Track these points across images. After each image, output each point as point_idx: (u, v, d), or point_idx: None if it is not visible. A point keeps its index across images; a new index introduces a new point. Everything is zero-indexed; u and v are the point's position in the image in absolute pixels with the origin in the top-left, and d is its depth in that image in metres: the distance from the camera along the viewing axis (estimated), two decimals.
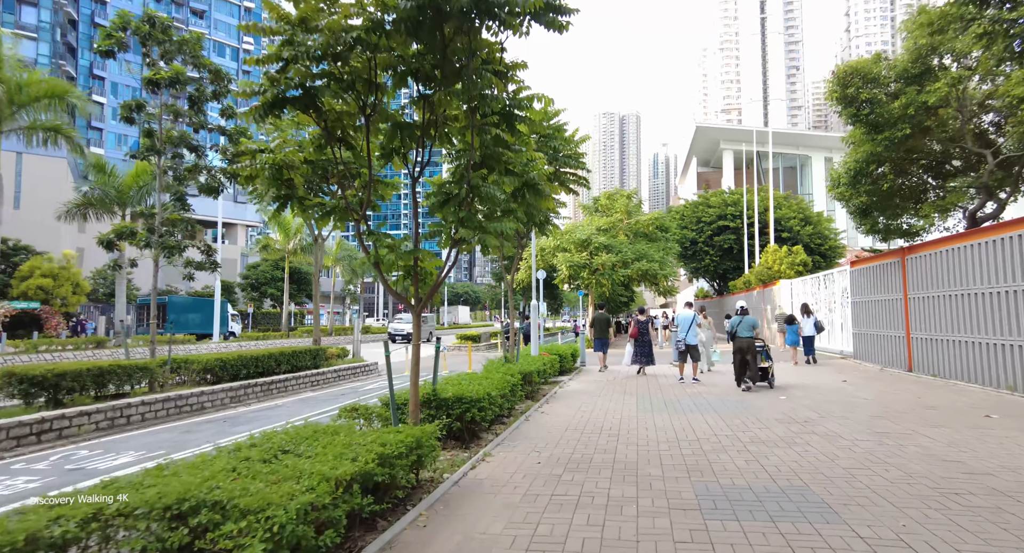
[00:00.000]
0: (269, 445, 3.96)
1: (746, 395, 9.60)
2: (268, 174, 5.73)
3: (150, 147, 9.42)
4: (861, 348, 14.91)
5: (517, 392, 8.31)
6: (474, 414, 6.11)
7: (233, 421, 9.38)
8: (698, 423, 7.24)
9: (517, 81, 5.77)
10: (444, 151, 7.38)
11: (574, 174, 10.42)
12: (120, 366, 9.07)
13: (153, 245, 9.35)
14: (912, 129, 10.61)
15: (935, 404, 8.06)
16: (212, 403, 10.35)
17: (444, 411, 6.15)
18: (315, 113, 5.63)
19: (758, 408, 8.22)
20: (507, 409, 7.74)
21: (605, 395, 10.00)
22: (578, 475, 4.94)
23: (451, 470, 5.18)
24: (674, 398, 9.48)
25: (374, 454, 3.76)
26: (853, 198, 12.32)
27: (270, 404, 11.17)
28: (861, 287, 14.65)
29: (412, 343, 5.87)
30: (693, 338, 11.63)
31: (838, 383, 10.91)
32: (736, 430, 6.73)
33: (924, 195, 12.81)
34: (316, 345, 15.59)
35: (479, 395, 6.30)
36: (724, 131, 59.60)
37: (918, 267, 11.75)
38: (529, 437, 6.61)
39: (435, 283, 5.85)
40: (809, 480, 4.58)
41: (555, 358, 12.52)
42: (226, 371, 11.28)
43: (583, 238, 26.45)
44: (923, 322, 11.56)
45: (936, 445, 5.62)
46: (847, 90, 11.12)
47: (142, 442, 7.63)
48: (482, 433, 6.69)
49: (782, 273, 24.57)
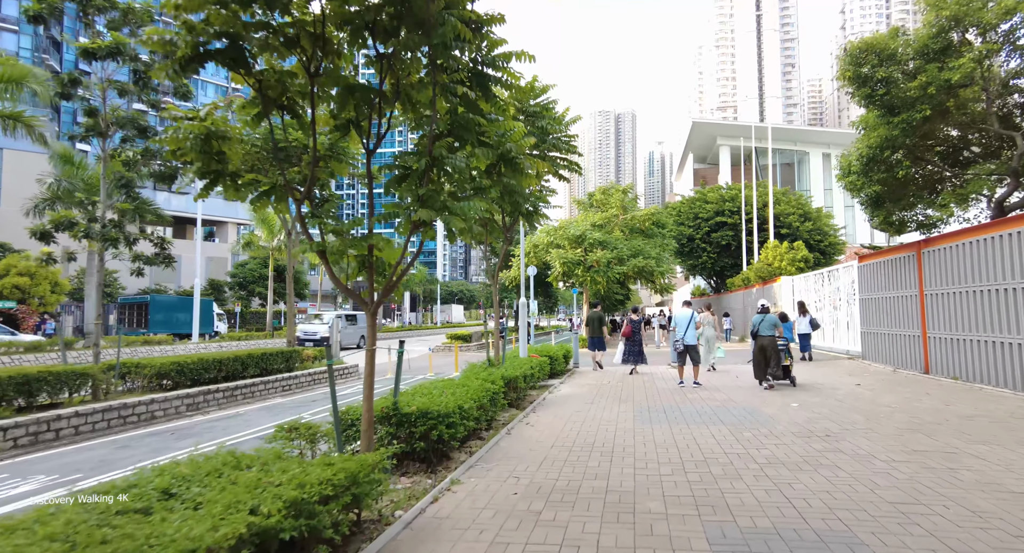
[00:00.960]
0: (152, 486, 3.00)
1: (755, 401, 8.70)
2: (191, 145, 4.75)
3: (92, 127, 8.42)
4: (870, 348, 14.03)
5: (499, 401, 7.36)
6: (441, 432, 5.16)
7: (182, 433, 8.39)
8: (704, 437, 6.32)
9: (492, 39, 4.82)
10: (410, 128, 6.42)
11: (564, 158, 9.47)
12: (51, 373, 8.06)
13: (93, 236, 8.35)
14: (932, 110, 9.72)
15: (969, 413, 7.16)
16: (164, 412, 9.35)
17: (406, 428, 5.20)
18: (245, 71, 4.66)
19: (770, 418, 7.30)
20: (486, 421, 6.79)
21: (599, 401, 9.07)
22: (562, 512, 4.00)
23: (407, 504, 4.23)
24: (675, 405, 8.56)
25: (284, 501, 2.81)
26: (865, 187, 11.42)
27: (231, 412, 10.19)
28: (870, 283, 13.78)
29: (366, 349, 4.91)
30: (692, 338, 10.72)
31: (851, 386, 10.02)
32: (748, 447, 5.81)
33: (940, 184, 11.93)
34: (290, 346, 14.59)
35: (448, 409, 5.35)
36: (721, 127, 58.79)
37: (936, 261, 10.88)
38: (509, 456, 5.67)
39: (391, 277, 4.89)
40: (851, 521, 3.65)
41: (545, 360, 11.59)
42: (184, 376, 10.27)
43: (577, 234, 25.54)
44: (942, 320, 10.68)
45: (992, 469, 4.70)
46: (861, 69, 10.21)
47: (62, 463, 6.64)
48: (453, 453, 5.74)
49: (783, 270, 23.73)
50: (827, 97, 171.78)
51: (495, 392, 7.13)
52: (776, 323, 10.10)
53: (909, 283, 11.85)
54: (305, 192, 4.86)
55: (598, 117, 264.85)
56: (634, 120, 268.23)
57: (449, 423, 5.27)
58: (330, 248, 4.67)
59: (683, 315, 10.92)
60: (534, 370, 10.09)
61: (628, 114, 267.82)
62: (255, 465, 3.46)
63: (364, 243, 4.72)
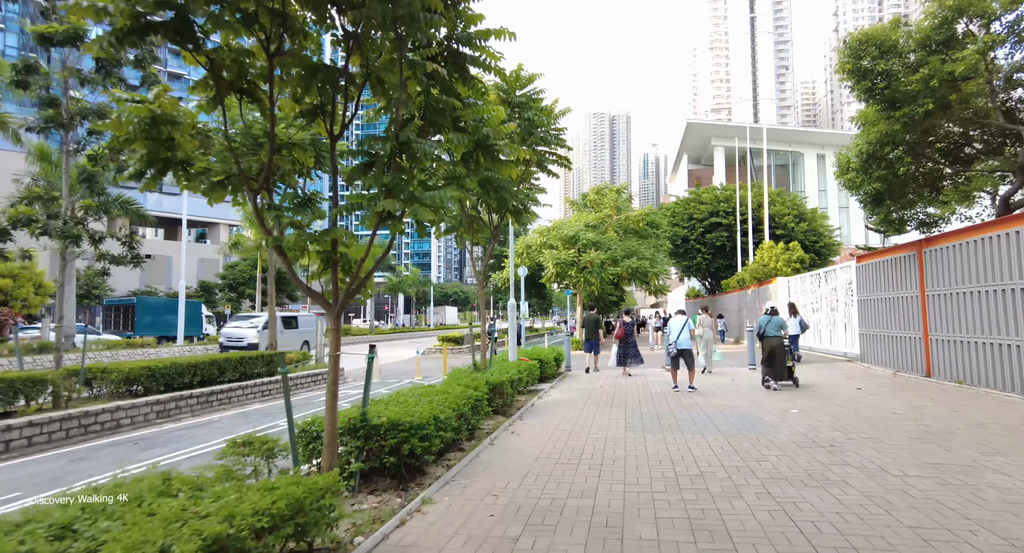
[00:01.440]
0: (50, 523, 2.53)
1: (753, 406, 8.29)
2: (135, 130, 4.28)
3: (52, 119, 7.90)
4: (869, 350, 13.67)
5: (483, 408, 6.91)
6: (414, 445, 4.71)
7: (148, 443, 7.90)
8: (699, 448, 5.89)
9: (469, 15, 4.40)
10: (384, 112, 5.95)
11: (553, 153, 9.05)
12: (2, 380, 7.52)
13: (52, 233, 7.84)
14: (935, 104, 9.36)
15: (979, 420, 6.77)
16: (132, 420, 8.85)
17: (375, 441, 4.74)
18: (195, 48, 4.20)
19: (770, 426, 6.89)
20: (467, 430, 6.34)
21: (589, 407, 8.64)
22: (542, 538, 3.56)
23: (369, 529, 3.78)
24: (668, 411, 8.14)
25: (205, 539, 2.36)
26: (865, 184, 11.04)
27: (205, 419, 9.69)
28: (869, 284, 13.43)
29: (330, 355, 4.47)
30: (686, 342, 10.29)
31: (852, 390, 9.64)
32: (748, 459, 5.38)
33: (941, 182, 11.58)
34: (272, 350, 14.08)
35: (423, 419, 4.90)
36: (715, 127, 58.55)
37: (938, 260, 10.52)
38: (489, 471, 5.22)
39: (356, 275, 4.44)
40: (868, 550, 3.23)
41: (535, 364, 11.14)
42: (156, 381, 9.76)
43: (571, 234, 25.13)
44: (944, 322, 10.32)
45: (1019, 486, 4.29)
46: (861, 61, 9.84)
47: (4, 479, 6.12)
48: (428, 467, 5.28)
49: (779, 271, 23.39)
50: (820, 100, 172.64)
51: (478, 399, 6.68)
52: (782, 324, 10.19)
53: (910, 283, 11.50)
54: (262, 182, 4.40)
55: (592, 119, 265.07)
56: (628, 122, 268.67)
57: (423, 436, 4.82)
58: (287, 243, 4.21)
59: (677, 322, 10.51)
60: (522, 374, 9.65)
61: (622, 116, 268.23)
62: (186, 489, 3.00)
63: (326, 238, 4.27)
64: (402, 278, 55.75)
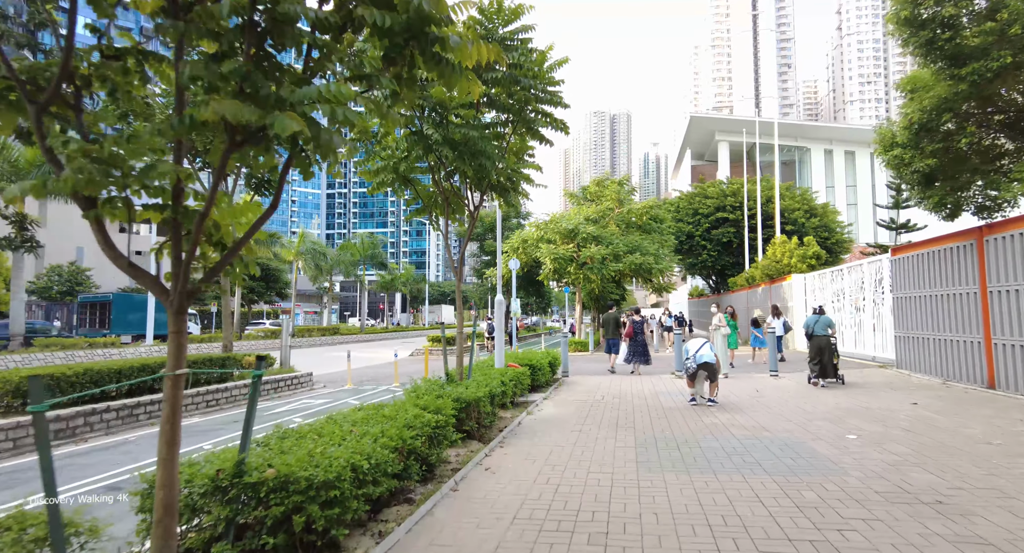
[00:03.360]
0: None
1: (796, 429, 6.56)
2: None
3: None
4: (907, 355, 11.94)
5: (447, 436, 5.16)
6: (312, 515, 2.98)
7: (13, 478, 6.14)
8: (744, 500, 4.16)
9: None
10: None
11: (547, 114, 7.32)
12: None
13: None
14: (1013, 58, 7.64)
15: None
16: (15, 444, 7.10)
17: (254, 508, 3.02)
18: None
19: (830, 462, 5.16)
20: (420, 472, 4.60)
21: (590, 427, 6.91)
22: None
23: None
24: (689, 435, 6.42)
25: None
26: (916, 160, 9.31)
27: (119, 439, 7.94)
28: (908, 279, 11.70)
29: (164, 374, 2.73)
30: (708, 356, 8.41)
31: (907, 406, 7.91)
32: (821, 523, 3.66)
33: (1000, 160, 9.88)
34: (227, 352, 12.31)
35: (333, 472, 3.16)
36: (720, 121, 56.78)
37: (1005, 250, 8.81)
38: (439, 543, 3.49)
39: (222, 259, 2.70)
40: None
41: (524, 371, 9.41)
42: (60, 392, 8.04)
43: (570, 228, 23.38)
44: (1013, 323, 8.60)
45: None
46: (919, 8, 8.12)
47: None
48: (349, 539, 3.54)
49: (793, 267, 21.68)
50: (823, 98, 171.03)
51: (439, 425, 4.95)
52: (830, 323, 10.11)
53: (966, 278, 9.78)
54: (51, 90, 2.66)
55: (593, 118, 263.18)
56: (629, 121, 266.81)
57: (329, 500, 3.07)
58: (81, 183, 2.47)
59: (695, 342, 8.65)
60: (507, 386, 7.92)
61: (623, 115, 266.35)
62: None
63: (148, 176, 2.53)
64: (395, 275, 53.97)
